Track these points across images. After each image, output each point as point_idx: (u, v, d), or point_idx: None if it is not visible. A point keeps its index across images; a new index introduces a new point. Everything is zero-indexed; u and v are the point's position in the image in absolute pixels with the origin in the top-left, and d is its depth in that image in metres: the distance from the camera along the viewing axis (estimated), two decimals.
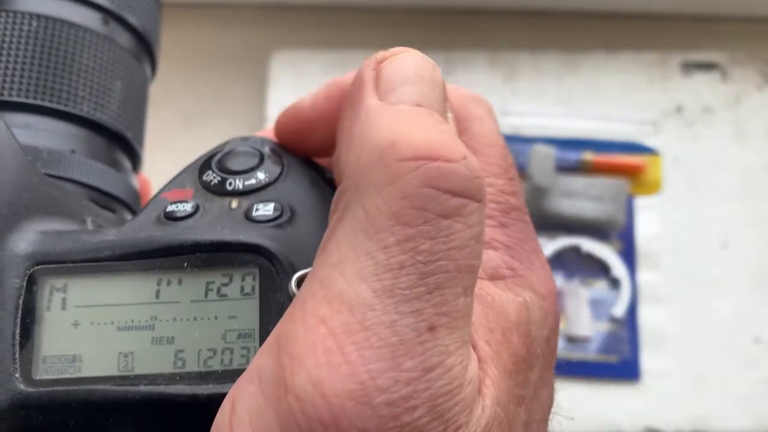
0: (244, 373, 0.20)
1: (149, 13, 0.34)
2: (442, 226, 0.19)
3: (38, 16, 0.30)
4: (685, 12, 0.77)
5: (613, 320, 0.68)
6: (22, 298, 0.23)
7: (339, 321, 0.19)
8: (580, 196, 0.70)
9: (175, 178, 0.26)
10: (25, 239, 0.24)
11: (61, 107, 0.30)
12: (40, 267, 0.23)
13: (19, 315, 0.23)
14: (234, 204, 0.24)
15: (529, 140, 0.72)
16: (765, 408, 0.66)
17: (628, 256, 0.70)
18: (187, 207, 0.24)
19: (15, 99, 0.29)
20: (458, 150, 0.20)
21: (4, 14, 0.30)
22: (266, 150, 0.26)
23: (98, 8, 0.32)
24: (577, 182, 0.70)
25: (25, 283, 0.23)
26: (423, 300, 0.19)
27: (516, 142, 0.72)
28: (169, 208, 0.24)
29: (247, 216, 0.24)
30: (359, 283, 0.19)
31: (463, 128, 0.26)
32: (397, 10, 0.76)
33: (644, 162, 0.72)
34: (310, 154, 0.27)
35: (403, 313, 0.19)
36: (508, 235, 0.24)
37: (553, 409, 0.24)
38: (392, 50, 0.23)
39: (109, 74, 0.31)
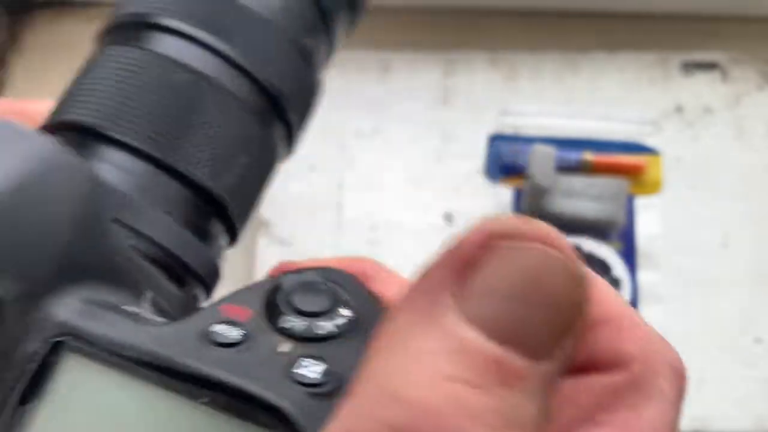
0: None
1: (306, 106, 0.32)
2: None
3: (188, 69, 0.28)
4: (685, 12, 0.77)
5: None
6: (36, 364, 0.21)
7: None
8: (580, 196, 0.70)
9: (241, 291, 0.23)
10: (64, 305, 0.22)
11: (177, 165, 0.27)
12: (65, 339, 0.21)
13: (26, 380, 0.21)
14: (283, 348, 0.21)
15: (529, 140, 0.72)
16: (765, 408, 0.66)
17: (628, 256, 0.70)
18: (235, 334, 0.21)
19: (126, 140, 0.27)
20: None
21: (138, 51, 0.28)
22: (345, 294, 0.22)
23: (255, 85, 0.29)
24: (577, 182, 0.70)
25: (44, 351, 0.21)
26: None
27: (516, 142, 0.72)
28: (217, 329, 0.21)
29: (289, 369, 0.20)
30: None
31: (644, 395, 0.19)
32: (397, 10, 0.76)
33: (644, 162, 0.72)
34: None
35: None
36: None
37: None
38: (507, 225, 0.16)
39: (237, 146, 0.29)
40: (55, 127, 0.28)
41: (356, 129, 0.73)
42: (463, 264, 0.16)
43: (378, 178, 0.72)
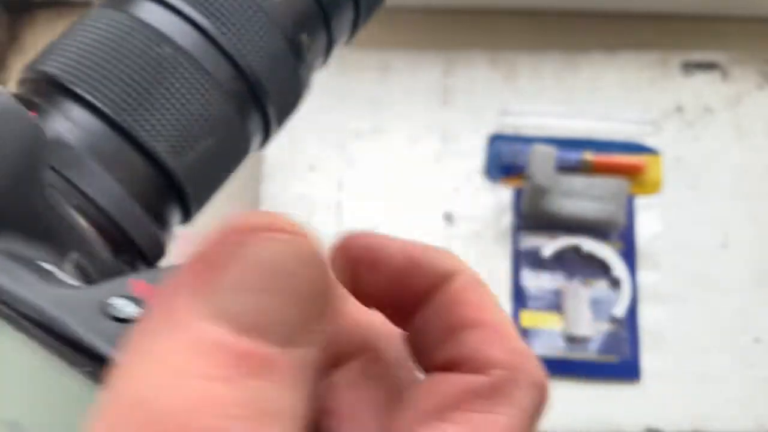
0: None
1: (288, 101, 0.31)
2: None
3: (171, 42, 0.28)
4: (685, 12, 0.77)
5: (614, 320, 0.68)
6: None
7: None
8: (580, 196, 0.70)
9: (158, 270, 0.23)
10: None
11: (138, 134, 0.27)
12: None
13: None
14: None
15: (529, 140, 0.72)
16: (765, 408, 0.66)
17: (628, 256, 0.70)
18: (131, 311, 0.21)
19: (88, 97, 0.27)
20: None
21: (127, 17, 0.28)
22: None
23: (236, 70, 0.29)
24: (577, 182, 0.70)
25: None
26: None
27: (516, 142, 0.72)
28: (114, 302, 0.21)
29: None
30: None
31: (500, 402, 0.18)
32: (397, 10, 0.76)
33: (644, 162, 0.72)
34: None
35: None
36: None
37: None
38: (246, 220, 0.16)
39: (205, 126, 0.28)
40: (31, 74, 0.28)
41: (356, 129, 0.73)
42: (203, 263, 0.16)
43: (378, 178, 0.72)
